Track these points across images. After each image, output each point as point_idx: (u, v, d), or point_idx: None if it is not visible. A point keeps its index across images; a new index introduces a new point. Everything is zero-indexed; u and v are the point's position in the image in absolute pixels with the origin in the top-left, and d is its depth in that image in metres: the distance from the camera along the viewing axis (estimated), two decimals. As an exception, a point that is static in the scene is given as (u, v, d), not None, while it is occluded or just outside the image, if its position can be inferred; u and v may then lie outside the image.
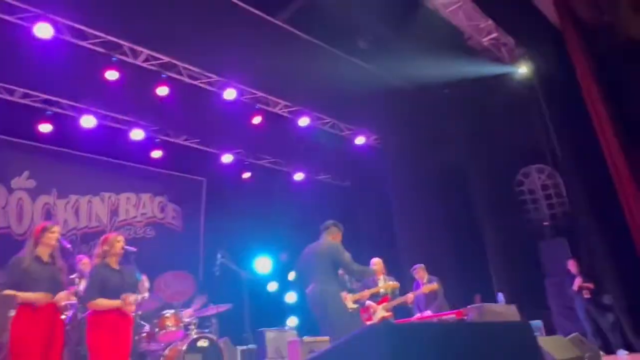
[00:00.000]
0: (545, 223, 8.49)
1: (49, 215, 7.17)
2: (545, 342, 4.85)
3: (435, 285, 6.16)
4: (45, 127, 7.15)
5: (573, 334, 5.31)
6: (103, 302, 3.87)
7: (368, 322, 5.78)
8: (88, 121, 7.34)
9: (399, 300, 5.96)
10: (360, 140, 9.43)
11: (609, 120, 7.43)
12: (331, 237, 4.91)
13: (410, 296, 6.07)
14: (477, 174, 9.13)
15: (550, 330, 7.26)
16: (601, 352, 5.79)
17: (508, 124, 8.55)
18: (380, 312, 5.77)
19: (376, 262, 6.18)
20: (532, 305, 7.48)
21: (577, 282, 7.24)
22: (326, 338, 6.06)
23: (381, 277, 6.08)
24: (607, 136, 7.40)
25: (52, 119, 7.20)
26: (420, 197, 9.18)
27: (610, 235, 7.30)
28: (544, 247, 8.28)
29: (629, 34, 7.02)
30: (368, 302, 5.78)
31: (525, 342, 1.02)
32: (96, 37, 6.50)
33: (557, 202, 9.10)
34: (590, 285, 7.17)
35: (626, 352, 6.81)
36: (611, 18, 7.29)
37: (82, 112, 7.38)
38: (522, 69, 8.43)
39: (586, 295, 7.09)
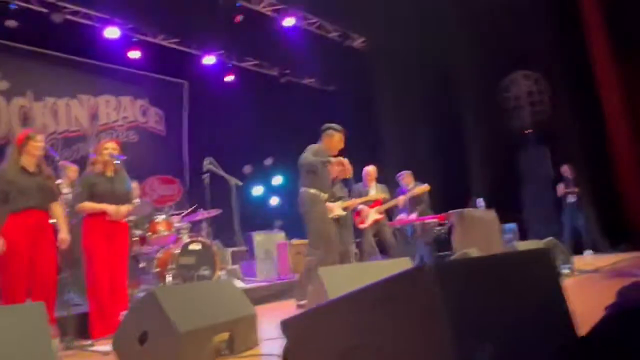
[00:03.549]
0: (529, 130, 8.61)
1: (26, 118, 6.91)
2: (521, 246, 5.13)
3: (427, 187, 6.30)
4: (10, 23, 6.64)
5: (548, 238, 5.61)
6: (88, 205, 3.89)
7: (361, 225, 6.00)
8: (57, 17, 6.84)
9: (391, 203, 6.12)
10: (347, 42, 9.08)
11: (602, 28, 7.27)
12: (325, 141, 4.80)
13: (401, 198, 6.24)
14: (465, 78, 9.03)
15: (523, 234, 7.68)
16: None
17: (500, 27, 8.29)
18: (373, 215, 5.94)
19: (370, 171, 6.25)
20: (508, 210, 7.83)
21: (561, 187, 7.58)
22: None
23: (373, 184, 6.19)
24: (599, 44, 7.29)
25: (17, 14, 6.65)
26: (407, 103, 9.11)
27: (591, 144, 7.49)
28: (525, 154, 8.48)
29: None
30: (361, 207, 5.92)
31: (546, 270, 1.06)
32: None
33: (541, 110, 9.17)
34: (576, 190, 7.51)
35: (591, 252, 7.34)
36: None
37: (49, 7, 6.84)
38: (520, -31, 8.00)
39: (571, 199, 7.46)
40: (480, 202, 7.18)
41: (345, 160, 5.36)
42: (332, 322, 1.03)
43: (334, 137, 4.78)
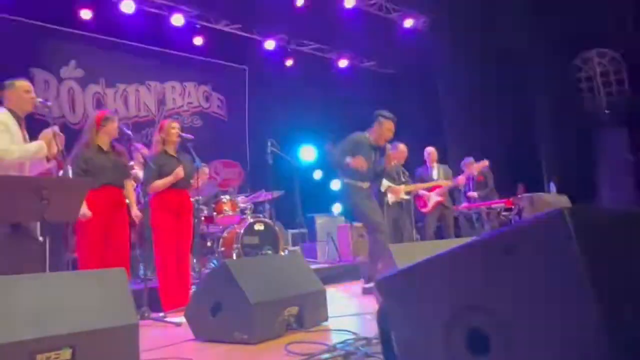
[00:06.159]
0: (606, 111, 8.06)
1: (100, 104, 7.25)
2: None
3: (485, 162, 6.11)
4: (85, 14, 6.98)
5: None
6: (160, 182, 4.01)
7: (423, 209, 5.95)
8: (127, 6, 7.09)
9: (451, 184, 5.98)
10: (408, 23, 8.83)
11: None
12: (375, 127, 4.63)
13: (461, 178, 6.07)
14: (533, 58, 8.55)
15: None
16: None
17: (573, 3, 7.77)
18: (434, 197, 5.90)
19: (430, 152, 6.16)
20: (582, 195, 7.38)
21: None
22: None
23: (434, 164, 6.09)
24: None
25: (91, 4, 6.98)
26: (470, 84, 8.77)
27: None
28: (600, 136, 7.95)
29: None
30: (422, 192, 5.87)
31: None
32: None
33: (617, 90, 8.53)
34: None
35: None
36: None
37: (120, -4, 7.11)
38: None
39: None
40: (552, 186, 6.83)
41: (402, 146, 5.35)
42: (438, 279, 0.95)
43: (384, 125, 4.61)
